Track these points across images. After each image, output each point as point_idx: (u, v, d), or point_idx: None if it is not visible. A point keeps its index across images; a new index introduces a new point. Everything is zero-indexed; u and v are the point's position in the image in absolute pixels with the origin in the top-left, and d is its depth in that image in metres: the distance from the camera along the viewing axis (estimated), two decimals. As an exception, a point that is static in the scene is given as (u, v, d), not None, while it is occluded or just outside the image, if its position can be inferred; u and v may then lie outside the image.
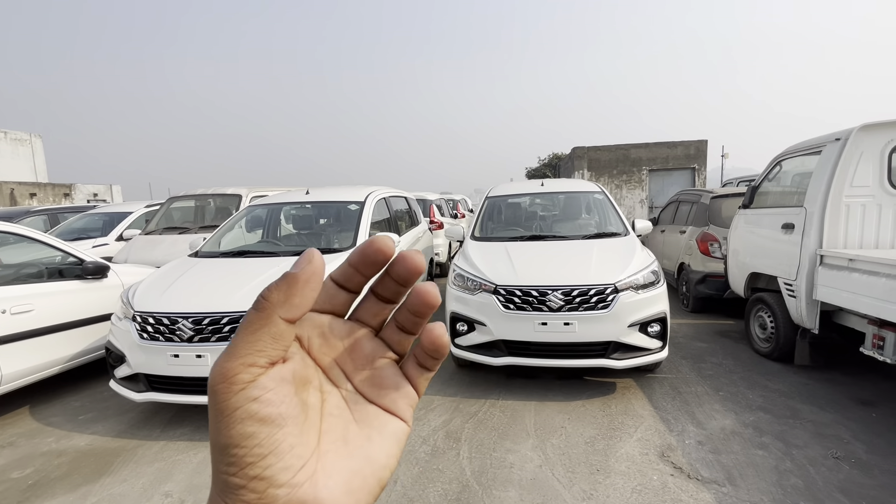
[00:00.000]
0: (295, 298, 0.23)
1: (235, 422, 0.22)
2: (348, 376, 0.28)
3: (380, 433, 0.27)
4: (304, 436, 0.24)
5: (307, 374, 0.26)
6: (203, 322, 2.93)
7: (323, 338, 0.27)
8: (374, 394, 0.28)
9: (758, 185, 4.51)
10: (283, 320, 0.23)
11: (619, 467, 2.61)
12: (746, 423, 3.04)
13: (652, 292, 3.44)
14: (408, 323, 0.28)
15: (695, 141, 13.55)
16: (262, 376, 0.23)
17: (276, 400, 0.23)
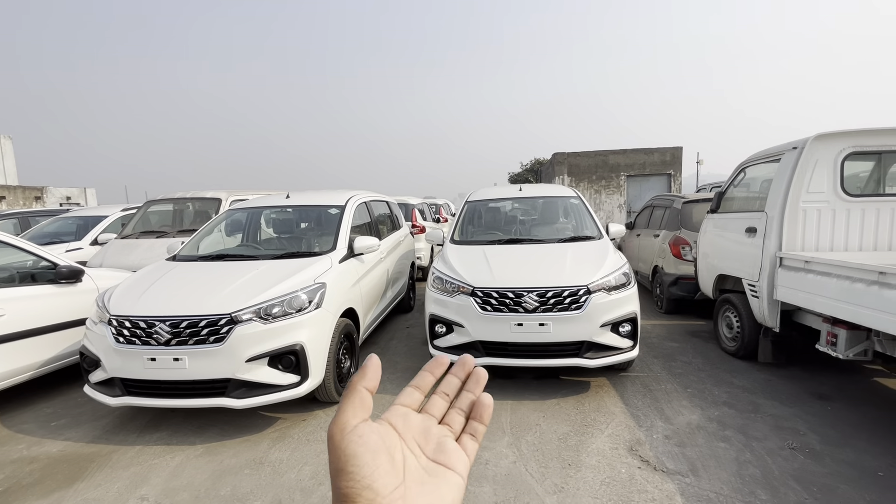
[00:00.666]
0: (367, 375, 0.37)
1: (349, 448, 0.33)
2: (421, 448, 0.39)
3: (445, 483, 0.37)
4: (394, 470, 0.34)
5: (392, 440, 0.37)
6: (181, 325, 2.93)
7: (405, 421, 0.39)
8: (440, 457, 0.38)
9: (724, 191, 4.72)
10: (364, 388, 0.36)
11: (589, 461, 2.71)
12: (711, 417, 3.18)
13: (623, 293, 3.57)
14: (464, 400, 0.43)
15: (670, 148, 13.95)
16: (360, 425, 0.34)
17: (372, 439, 0.34)
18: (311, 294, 3.27)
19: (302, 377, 3.10)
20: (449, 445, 0.39)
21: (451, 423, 0.42)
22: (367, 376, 0.37)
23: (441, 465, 0.38)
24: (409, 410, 0.40)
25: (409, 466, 0.36)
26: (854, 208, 3.66)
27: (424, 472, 0.37)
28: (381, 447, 0.34)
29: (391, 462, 0.34)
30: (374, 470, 0.33)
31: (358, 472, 0.32)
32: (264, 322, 3.02)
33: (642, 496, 2.38)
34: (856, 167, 3.84)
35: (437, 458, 0.38)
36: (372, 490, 0.32)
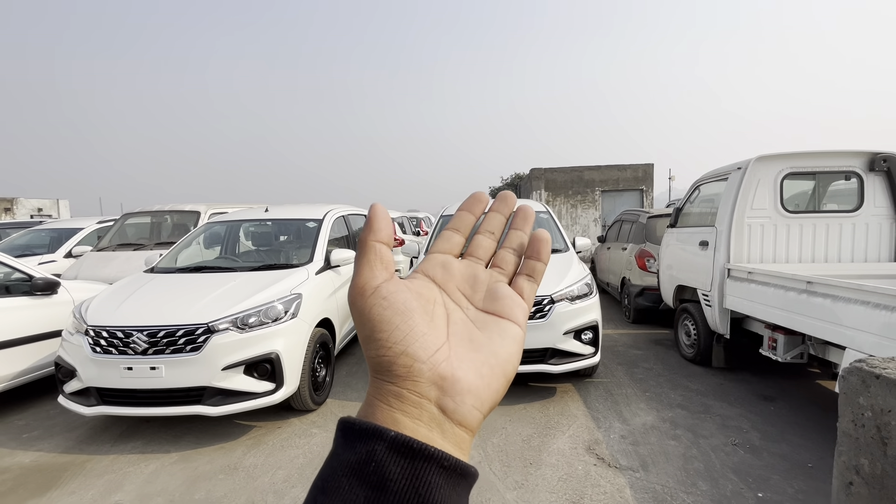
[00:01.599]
0: (375, 227, 0.31)
1: (374, 313, 0.29)
2: (468, 298, 0.33)
3: (500, 335, 0.32)
4: (434, 329, 0.30)
5: (430, 294, 0.32)
6: (158, 335, 3.02)
7: (444, 269, 0.34)
8: (492, 306, 0.33)
9: (681, 207, 5.04)
10: (377, 242, 0.31)
11: (549, 460, 2.89)
12: (665, 418, 3.41)
13: (585, 303, 3.80)
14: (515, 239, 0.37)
15: (642, 164, 14.51)
16: (383, 284, 0.30)
17: (401, 298, 0.29)
18: (286, 304, 3.40)
19: (277, 385, 3.21)
20: (502, 290, 0.34)
21: (502, 264, 0.36)
22: (375, 228, 0.31)
23: (494, 315, 0.33)
24: (447, 257, 0.35)
25: (454, 321, 0.31)
26: (793, 224, 4.00)
27: (474, 325, 0.32)
28: (414, 305, 0.30)
29: (428, 320, 0.30)
30: (406, 333, 0.28)
31: (388, 338, 0.28)
32: (241, 331, 3.13)
33: (595, 490, 2.57)
34: (800, 186, 4.20)
35: (489, 308, 0.33)
36: (408, 356, 0.28)
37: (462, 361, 0.29)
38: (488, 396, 0.29)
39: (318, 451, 3.09)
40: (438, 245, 0.36)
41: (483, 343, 0.31)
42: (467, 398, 0.28)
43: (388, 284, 0.30)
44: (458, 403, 0.28)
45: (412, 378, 0.28)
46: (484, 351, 0.31)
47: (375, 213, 0.32)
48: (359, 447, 0.25)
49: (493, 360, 0.30)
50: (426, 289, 0.32)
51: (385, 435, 0.25)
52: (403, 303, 0.29)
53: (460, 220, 0.36)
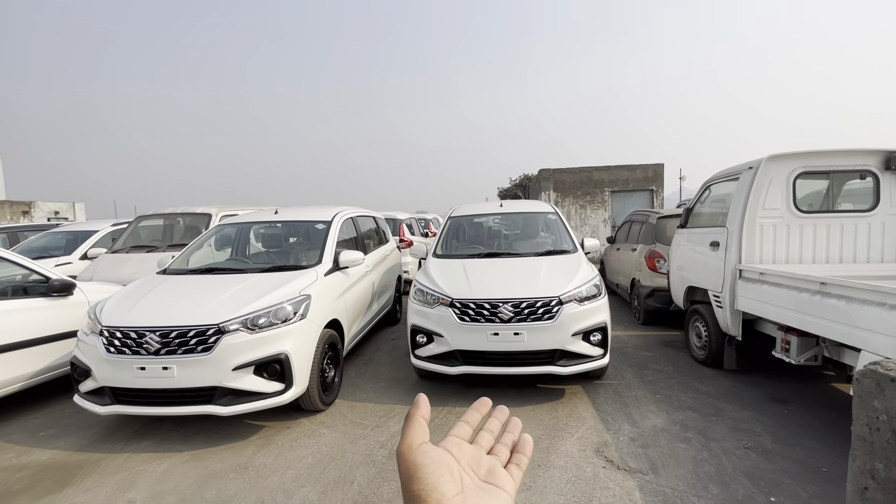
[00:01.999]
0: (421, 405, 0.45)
1: (418, 462, 0.39)
2: (474, 471, 0.44)
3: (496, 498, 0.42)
4: (454, 481, 0.40)
5: (451, 461, 0.42)
6: (170, 335, 3.07)
7: (459, 449, 0.45)
8: (491, 479, 0.44)
9: (691, 207, 4.99)
10: (421, 417, 0.44)
11: (558, 462, 2.87)
12: (675, 421, 3.37)
13: (594, 304, 3.78)
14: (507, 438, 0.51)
15: (652, 164, 14.38)
16: (424, 444, 0.41)
17: (436, 454, 0.41)
18: (296, 305, 3.43)
19: (286, 385, 3.24)
20: (499, 471, 0.45)
21: (499, 453, 0.48)
22: (422, 407, 0.44)
23: (492, 485, 0.43)
24: (461, 441, 0.46)
25: (465, 483, 0.41)
26: (806, 224, 3.93)
27: (479, 489, 0.42)
28: (443, 462, 0.40)
29: (451, 475, 0.40)
30: (439, 477, 0.38)
31: (426, 479, 0.38)
32: (251, 332, 3.16)
33: (604, 493, 2.55)
34: (813, 185, 4.13)
35: (489, 480, 0.44)
36: (439, 492, 0.38)
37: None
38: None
39: (326, 451, 3.11)
40: (455, 431, 0.47)
41: (485, 499, 0.41)
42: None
43: (426, 444, 0.42)
44: None
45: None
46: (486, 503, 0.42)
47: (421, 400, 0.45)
48: None
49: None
50: (448, 456, 0.43)
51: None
52: (438, 457, 0.41)
53: (470, 416, 0.50)
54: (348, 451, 3.11)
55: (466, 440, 0.47)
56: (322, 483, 2.75)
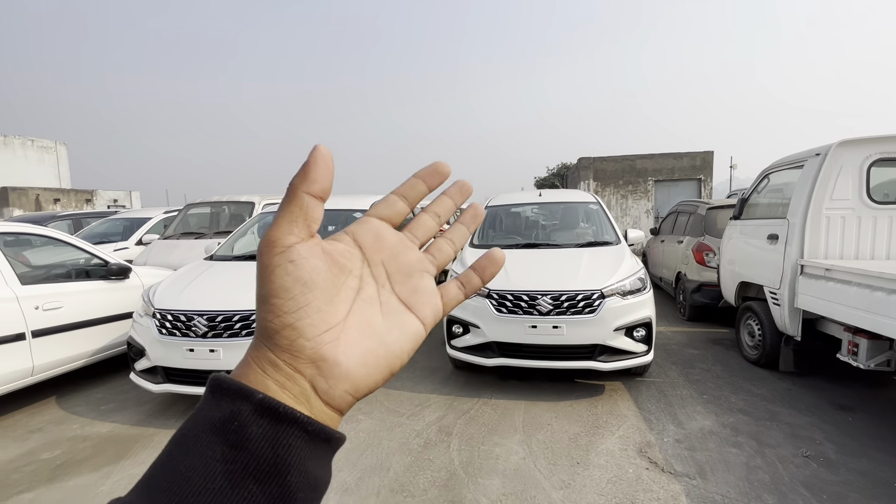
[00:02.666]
0: (311, 175, 0.27)
1: (275, 276, 0.27)
2: (389, 276, 0.32)
3: (400, 328, 0.31)
4: (332, 306, 0.28)
5: (349, 263, 0.30)
6: (216, 319, 3.19)
7: (376, 239, 0.32)
8: (406, 296, 0.32)
9: (747, 197, 4.67)
10: (307, 195, 0.27)
11: (598, 461, 2.78)
12: (725, 423, 3.19)
13: (638, 298, 3.61)
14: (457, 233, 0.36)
15: (701, 152, 13.64)
16: (298, 245, 0.27)
17: (309, 266, 0.27)
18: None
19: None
20: (425, 284, 0.33)
21: (437, 253, 0.35)
22: (311, 176, 0.27)
23: (404, 306, 0.32)
24: (384, 225, 0.33)
25: (363, 297, 0.30)
26: (881, 216, 3.58)
27: (381, 308, 0.31)
28: (321, 276, 0.28)
29: (331, 297, 0.28)
30: (302, 305, 0.27)
31: (281, 306, 0.27)
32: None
33: (647, 495, 2.45)
34: (890, 173, 3.75)
35: (404, 296, 0.32)
36: (294, 329, 0.27)
37: (350, 345, 0.28)
38: (365, 385, 0.29)
39: (363, 436, 3.16)
40: (380, 209, 0.33)
41: (381, 331, 0.30)
42: (342, 383, 0.28)
43: (301, 246, 0.28)
44: (330, 386, 0.28)
45: (292, 352, 0.27)
46: (378, 339, 0.30)
47: (316, 157, 0.28)
48: (224, 405, 0.25)
49: (383, 350, 0.30)
50: (345, 256, 0.30)
51: (252, 397, 0.25)
52: (311, 271, 0.28)
53: (412, 188, 0.34)
54: (384, 438, 3.14)
55: (395, 224, 0.34)
56: (359, 468, 2.79)
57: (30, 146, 24.49)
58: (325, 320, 0.28)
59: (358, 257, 0.31)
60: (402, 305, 0.32)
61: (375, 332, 0.30)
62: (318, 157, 0.28)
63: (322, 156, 0.28)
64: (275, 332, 0.27)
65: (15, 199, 18.84)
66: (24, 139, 24.19)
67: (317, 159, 0.28)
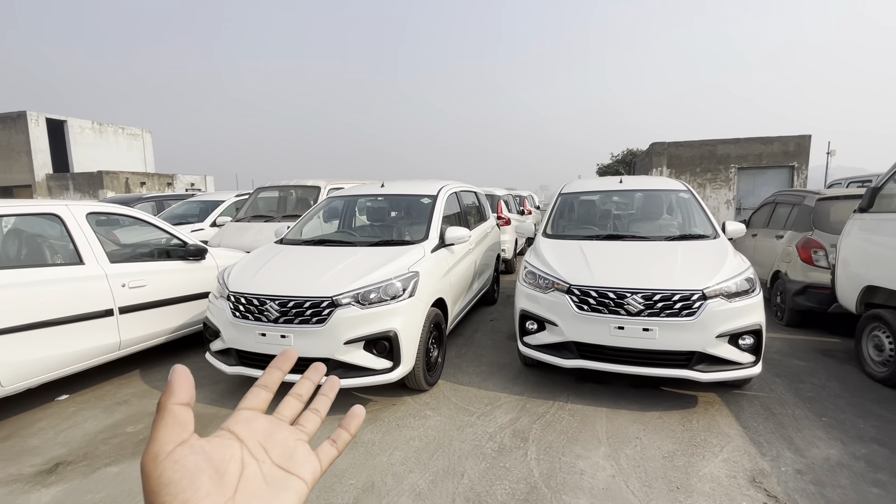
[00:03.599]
0: (175, 390, 0.33)
1: (163, 477, 0.31)
2: (268, 452, 0.37)
3: (285, 489, 0.36)
4: (220, 488, 0.32)
5: (227, 451, 0.35)
6: (288, 305, 3.13)
7: (248, 425, 0.38)
8: (285, 464, 0.37)
9: (880, 186, 3.95)
10: (176, 405, 0.33)
11: (702, 488, 2.42)
12: (857, 455, 2.69)
13: (745, 301, 3.14)
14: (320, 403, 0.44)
15: (795, 136, 12.16)
16: (177, 448, 0.32)
17: (192, 461, 0.32)
18: (405, 282, 3.32)
19: (394, 363, 3.15)
20: (300, 451, 0.39)
21: (305, 422, 0.41)
22: (176, 391, 0.33)
23: (286, 472, 0.37)
24: (254, 413, 0.39)
25: (246, 476, 0.34)
26: None
27: (264, 480, 0.35)
28: (204, 466, 0.32)
29: (217, 479, 0.32)
30: (192, 494, 0.31)
31: (173, 500, 0.30)
32: (361, 307, 3.11)
33: (771, 537, 2.07)
34: None
35: (284, 464, 0.37)
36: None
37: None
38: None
39: (433, 434, 2.99)
40: (248, 401, 0.40)
41: (267, 498, 0.34)
42: None
43: (181, 449, 0.32)
44: None
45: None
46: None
47: (176, 375, 0.34)
48: None
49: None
50: (223, 447, 0.35)
51: None
52: (195, 465, 0.32)
53: (269, 377, 0.42)
54: (455, 438, 2.95)
55: (262, 410, 0.40)
56: (431, 471, 2.62)
57: (121, 133, 26.81)
58: (215, 501, 0.31)
59: (235, 445, 0.36)
60: (283, 472, 0.37)
61: (262, 499, 0.34)
62: (178, 375, 0.34)
63: (181, 373, 0.35)
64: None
65: (108, 182, 20.72)
66: (116, 127, 26.51)
67: (178, 377, 0.34)
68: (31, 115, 22.42)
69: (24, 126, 22.32)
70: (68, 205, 3.56)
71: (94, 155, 24.96)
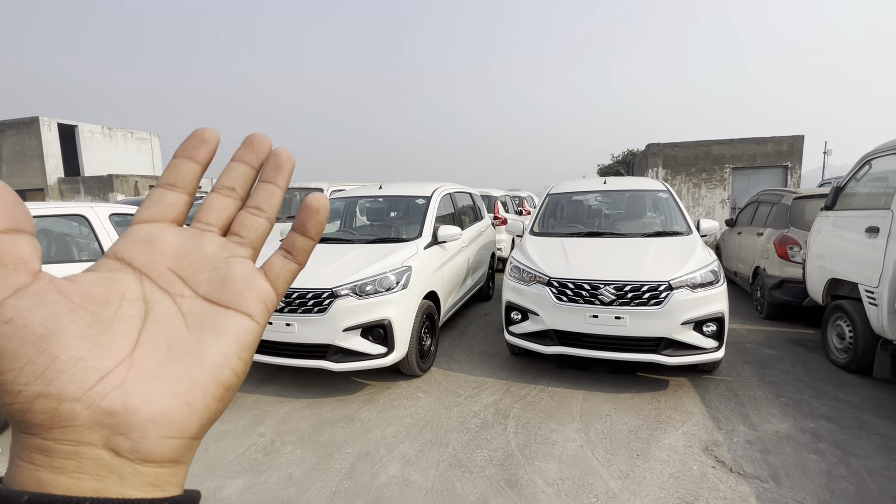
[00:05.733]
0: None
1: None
2: (186, 280, 0.26)
3: (213, 333, 0.25)
4: (102, 348, 0.22)
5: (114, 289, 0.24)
6: (292, 296, 3.45)
7: (149, 246, 0.26)
8: (217, 292, 0.26)
9: (842, 186, 4.22)
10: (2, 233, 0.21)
11: (659, 455, 2.72)
12: (804, 429, 2.98)
13: (709, 291, 3.43)
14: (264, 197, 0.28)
15: (789, 136, 12.37)
16: (8, 299, 0.21)
17: (38, 316, 0.21)
18: (398, 275, 3.63)
19: (388, 349, 3.47)
20: (235, 270, 0.27)
21: (243, 230, 0.28)
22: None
23: (217, 305, 0.26)
24: (157, 227, 0.26)
25: (155, 319, 0.24)
26: None
27: (184, 321, 0.25)
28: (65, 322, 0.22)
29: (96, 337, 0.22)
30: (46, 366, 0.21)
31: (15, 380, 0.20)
32: (359, 298, 3.43)
33: (713, 493, 2.37)
34: None
35: (213, 295, 0.26)
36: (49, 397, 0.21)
37: (148, 381, 0.23)
38: (190, 418, 0.23)
39: (423, 413, 3.30)
40: (143, 212, 0.27)
41: (188, 348, 0.24)
42: (152, 430, 0.22)
43: (16, 300, 0.21)
44: (136, 440, 0.22)
45: (60, 425, 0.21)
46: (186, 359, 0.24)
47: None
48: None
49: (198, 369, 0.24)
50: (106, 284, 0.24)
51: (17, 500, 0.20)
52: (43, 322, 0.21)
53: (177, 172, 0.27)
54: (443, 416, 3.27)
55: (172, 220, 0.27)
56: (419, 442, 2.93)
57: (129, 137, 27.39)
58: (95, 367, 0.22)
59: (129, 278, 0.25)
60: (213, 306, 0.26)
61: (182, 351, 0.24)
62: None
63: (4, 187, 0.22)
64: (25, 412, 0.20)
65: (118, 185, 21.22)
66: (125, 131, 27.09)
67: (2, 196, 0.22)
68: (43, 121, 23.03)
69: (36, 131, 22.92)
70: (93, 206, 3.92)
71: (103, 159, 25.54)
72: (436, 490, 2.47)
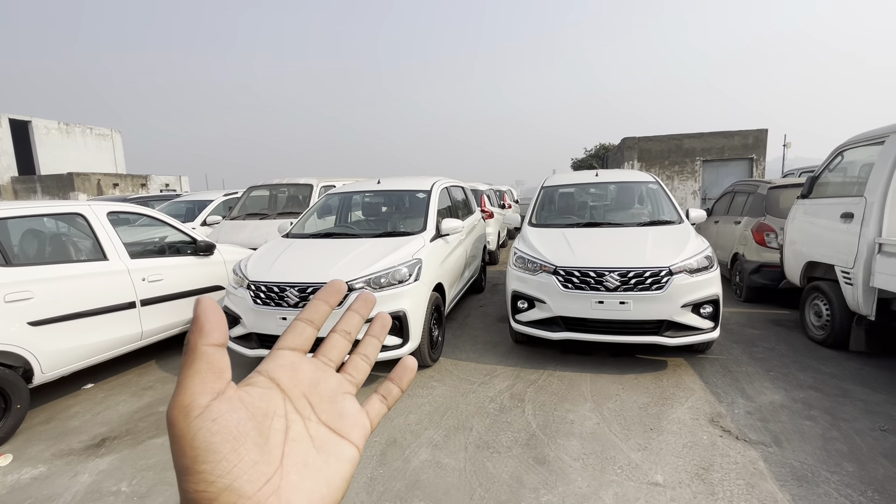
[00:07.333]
0: (206, 327, 0.26)
1: (198, 441, 0.24)
2: (314, 407, 0.30)
3: (337, 459, 0.29)
4: (266, 455, 0.26)
5: (270, 405, 0.28)
6: (307, 290, 3.47)
7: (292, 372, 0.30)
8: (334, 423, 0.31)
9: (817, 176, 4.55)
10: (209, 346, 0.26)
11: (671, 428, 2.91)
12: (796, 398, 3.24)
13: (705, 276, 3.66)
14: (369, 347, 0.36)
15: (753, 130, 13.06)
16: (214, 403, 0.25)
17: (234, 420, 0.25)
18: (410, 268, 3.70)
19: (404, 339, 3.54)
20: (349, 407, 0.32)
21: (354, 371, 0.35)
22: (207, 329, 0.27)
23: (335, 434, 0.30)
24: (297, 356, 0.32)
25: (292, 437, 0.29)
26: (969, 193, 3.46)
27: (312, 445, 0.29)
28: (248, 428, 0.26)
29: (262, 445, 0.26)
30: (235, 465, 0.25)
31: (212, 471, 0.24)
32: (374, 290, 3.48)
33: (725, 459, 2.57)
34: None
35: (332, 423, 0.31)
36: (232, 492, 0.24)
37: (294, 491, 0.27)
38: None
39: (441, 401, 3.39)
40: (289, 339, 0.32)
41: (318, 468, 0.28)
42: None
43: (219, 403, 0.26)
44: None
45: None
46: (317, 478, 0.28)
47: (204, 309, 0.27)
48: None
49: (325, 489, 0.28)
50: (266, 400, 0.28)
51: None
52: (236, 426, 0.26)
53: (315, 311, 0.34)
54: (461, 402, 3.37)
55: (306, 351, 0.33)
56: (443, 428, 3.03)
57: (89, 134, 26.00)
58: (262, 471, 0.26)
59: (278, 397, 0.29)
60: (333, 434, 0.30)
61: (314, 470, 0.28)
62: (206, 308, 0.27)
63: (210, 306, 0.27)
64: (210, 501, 0.24)
65: (79, 183, 20.17)
66: (83, 127, 25.70)
67: (206, 310, 0.27)
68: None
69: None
70: (90, 204, 3.79)
71: (61, 156, 24.18)
72: (469, 470, 2.57)
